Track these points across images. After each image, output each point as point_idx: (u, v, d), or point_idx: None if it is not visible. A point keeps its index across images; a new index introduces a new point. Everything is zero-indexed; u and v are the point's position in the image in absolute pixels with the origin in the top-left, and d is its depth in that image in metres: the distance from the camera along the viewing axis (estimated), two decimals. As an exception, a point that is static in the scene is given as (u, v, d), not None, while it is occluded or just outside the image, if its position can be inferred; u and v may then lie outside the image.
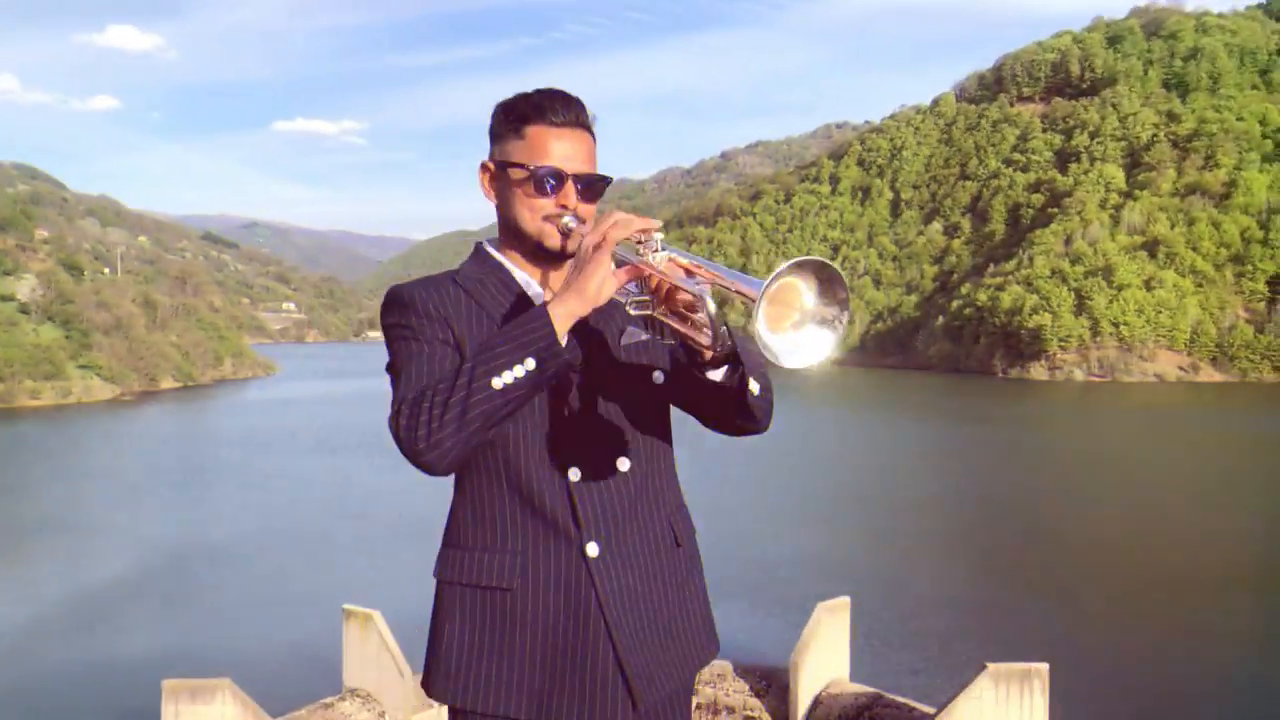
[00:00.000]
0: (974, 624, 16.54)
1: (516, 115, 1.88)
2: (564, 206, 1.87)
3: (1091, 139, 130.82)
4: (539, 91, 1.89)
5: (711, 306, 1.64)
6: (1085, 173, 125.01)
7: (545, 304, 1.70)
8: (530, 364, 1.66)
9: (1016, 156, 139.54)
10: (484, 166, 1.95)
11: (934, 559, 22.54)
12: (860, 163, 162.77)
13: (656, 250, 1.71)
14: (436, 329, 1.85)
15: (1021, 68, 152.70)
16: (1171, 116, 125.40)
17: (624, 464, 1.90)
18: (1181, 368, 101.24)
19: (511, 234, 1.94)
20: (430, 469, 1.72)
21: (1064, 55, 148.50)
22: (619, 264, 1.70)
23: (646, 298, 1.76)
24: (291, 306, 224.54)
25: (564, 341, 1.68)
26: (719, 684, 10.78)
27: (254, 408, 66.88)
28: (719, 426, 1.98)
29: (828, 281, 1.57)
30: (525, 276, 1.94)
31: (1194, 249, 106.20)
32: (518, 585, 1.86)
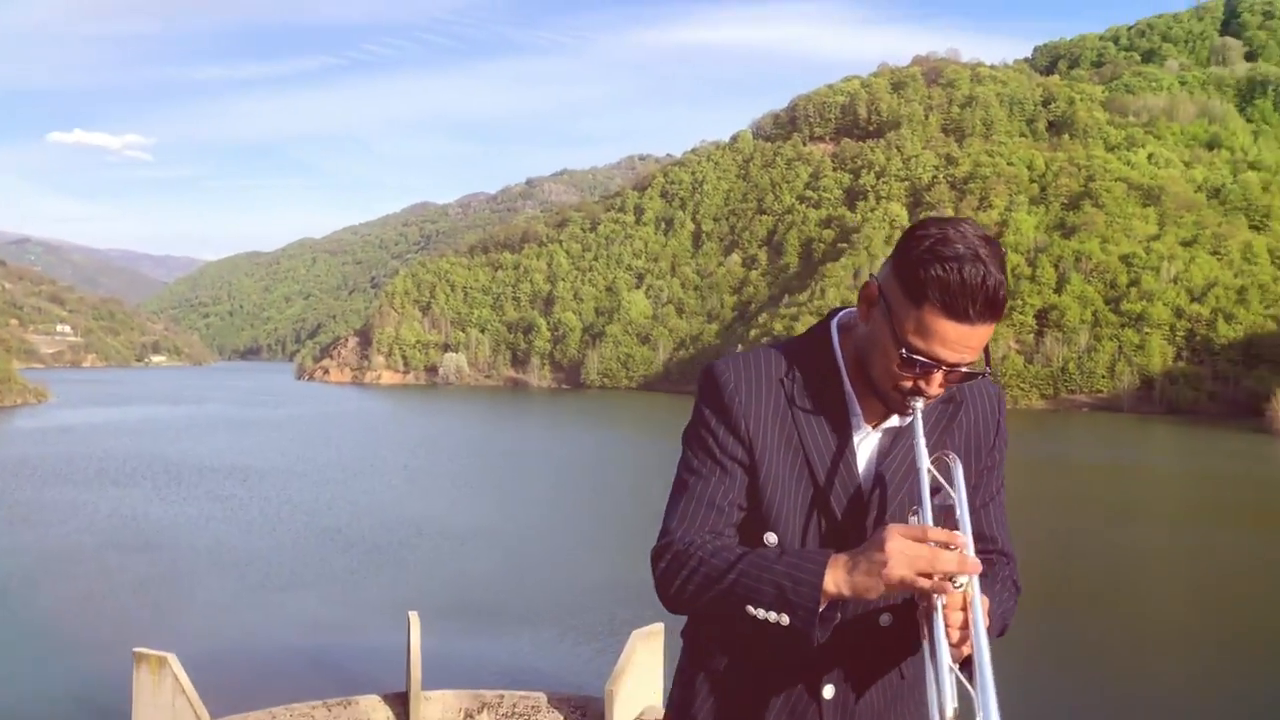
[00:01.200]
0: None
1: (920, 287, 1.63)
2: (920, 390, 1.71)
3: (877, 179, 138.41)
4: (960, 270, 1.60)
5: (949, 708, 1.51)
6: (872, 210, 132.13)
7: (825, 564, 1.63)
8: (785, 620, 1.64)
9: (809, 193, 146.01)
10: (869, 288, 1.74)
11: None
12: (663, 194, 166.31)
13: (951, 589, 1.59)
14: (738, 449, 1.79)
15: (813, 109, 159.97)
16: (950, 159, 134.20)
17: (885, 619, 1.84)
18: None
19: (861, 356, 1.79)
20: (669, 611, 1.80)
21: (852, 99, 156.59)
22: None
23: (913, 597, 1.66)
24: (66, 329, 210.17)
25: (821, 607, 1.63)
26: (533, 715, 10.73)
27: (24, 436, 62.12)
28: None
29: None
30: (855, 402, 1.82)
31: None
32: (748, 697, 1.87)
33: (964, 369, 1.69)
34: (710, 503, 1.79)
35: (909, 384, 1.71)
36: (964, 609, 1.58)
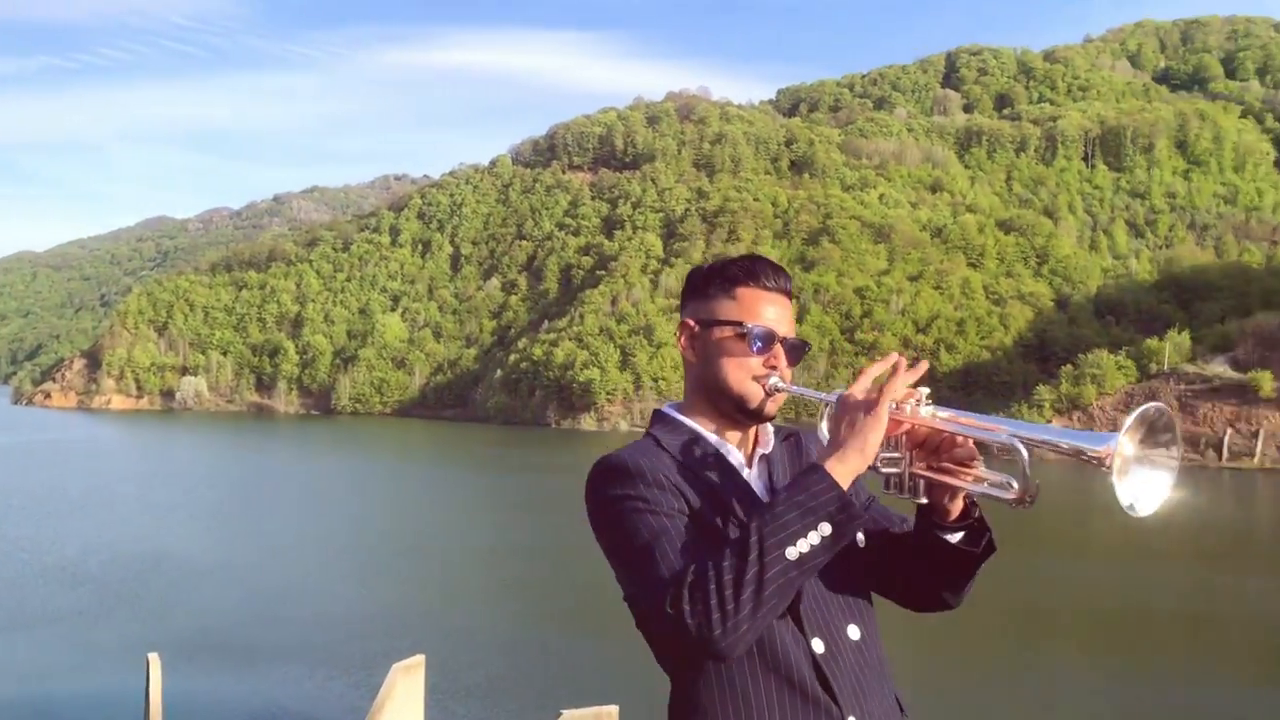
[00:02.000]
0: (546, 672, 17.12)
1: (728, 278, 1.90)
2: (772, 367, 1.88)
3: (634, 209, 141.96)
4: (748, 257, 1.93)
5: (1025, 454, 1.57)
6: (629, 239, 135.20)
7: (819, 464, 1.66)
8: (826, 529, 1.60)
9: (568, 221, 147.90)
10: (685, 325, 1.94)
11: (501, 609, 23.00)
12: (421, 216, 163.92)
13: (922, 403, 1.71)
14: (672, 500, 1.77)
15: (572, 138, 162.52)
16: (701, 193, 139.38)
17: (854, 632, 1.84)
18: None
19: (709, 393, 1.91)
20: (725, 655, 1.62)
21: (609, 130, 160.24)
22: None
23: (898, 455, 1.72)
24: None
25: (846, 488, 1.65)
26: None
27: None
28: (916, 598, 1.94)
29: (1154, 427, 1.55)
30: (717, 440, 1.90)
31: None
32: None
33: (797, 341, 1.92)
34: (687, 544, 1.71)
35: (760, 364, 1.87)
36: (936, 414, 1.72)
